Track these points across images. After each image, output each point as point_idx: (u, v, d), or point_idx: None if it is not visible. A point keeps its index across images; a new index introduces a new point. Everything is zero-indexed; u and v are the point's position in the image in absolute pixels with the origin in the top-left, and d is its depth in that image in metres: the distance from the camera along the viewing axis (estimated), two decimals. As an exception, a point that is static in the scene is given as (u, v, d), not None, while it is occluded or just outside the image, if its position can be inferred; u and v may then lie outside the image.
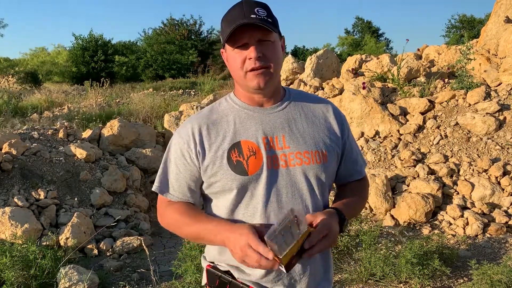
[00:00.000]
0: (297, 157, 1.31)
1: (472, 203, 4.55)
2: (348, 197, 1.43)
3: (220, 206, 1.34)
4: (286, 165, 1.30)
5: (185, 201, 1.38)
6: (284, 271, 1.16)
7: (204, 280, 1.43)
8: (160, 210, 1.42)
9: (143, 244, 3.05)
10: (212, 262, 1.41)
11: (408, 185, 4.89)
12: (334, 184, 1.52)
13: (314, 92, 7.10)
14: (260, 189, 1.29)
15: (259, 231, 1.17)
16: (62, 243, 4.15)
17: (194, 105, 7.76)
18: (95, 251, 4.25)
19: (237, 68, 1.28)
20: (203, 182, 1.36)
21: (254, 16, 1.23)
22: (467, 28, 28.91)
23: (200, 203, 1.43)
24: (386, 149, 5.58)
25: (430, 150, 5.32)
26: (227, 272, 1.36)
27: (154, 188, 1.41)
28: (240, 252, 1.16)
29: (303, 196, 1.31)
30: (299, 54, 32.54)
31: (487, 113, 5.36)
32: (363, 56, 8.19)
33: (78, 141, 5.89)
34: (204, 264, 1.43)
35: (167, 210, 1.38)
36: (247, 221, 1.29)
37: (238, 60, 1.27)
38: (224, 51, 1.33)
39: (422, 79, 6.74)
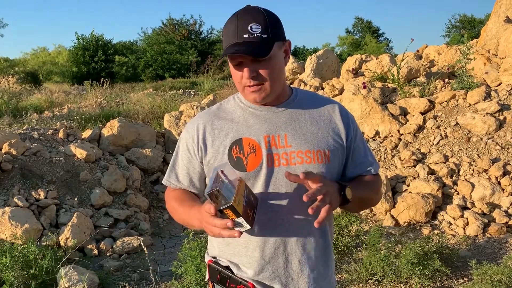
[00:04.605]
0: (299, 156, 1.31)
1: (472, 203, 4.55)
2: (357, 181, 1.40)
3: None
4: (287, 163, 1.30)
5: (183, 189, 1.45)
6: (248, 226, 1.12)
7: (207, 275, 1.46)
8: (165, 197, 1.52)
9: (142, 244, 3.04)
10: (214, 257, 1.44)
11: (408, 185, 4.89)
12: None
13: (314, 92, 7.09)
14: (258, 186, 1.30)
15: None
16: (62, 243, 4.15)
17: (194, 105, 7.75)
18: (95, 251, 4.24)
19: (237, 82, 1.32)
20: (206, 176, 1.42)
21: (247, 35, 1.21)
22: (467, 28, 28.89)
23: (201, 195, 1.46)
24: (386, 149, 5.58)
25: (430, 150, 5.32)
26: (227, 268, 1.39)
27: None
28: (208, 226, 1.15)
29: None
30: (299, 54, 32.48)
31: (487, 113, 5.36)
32: (363, 56, 8.19)
33: (78, 141, 5.89)
34: (207, 259, 1.47)
35: (167, 197, 1.48)
36: None
37: (237, 75, 1.30)
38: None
39: (422, 79, 6.74)
